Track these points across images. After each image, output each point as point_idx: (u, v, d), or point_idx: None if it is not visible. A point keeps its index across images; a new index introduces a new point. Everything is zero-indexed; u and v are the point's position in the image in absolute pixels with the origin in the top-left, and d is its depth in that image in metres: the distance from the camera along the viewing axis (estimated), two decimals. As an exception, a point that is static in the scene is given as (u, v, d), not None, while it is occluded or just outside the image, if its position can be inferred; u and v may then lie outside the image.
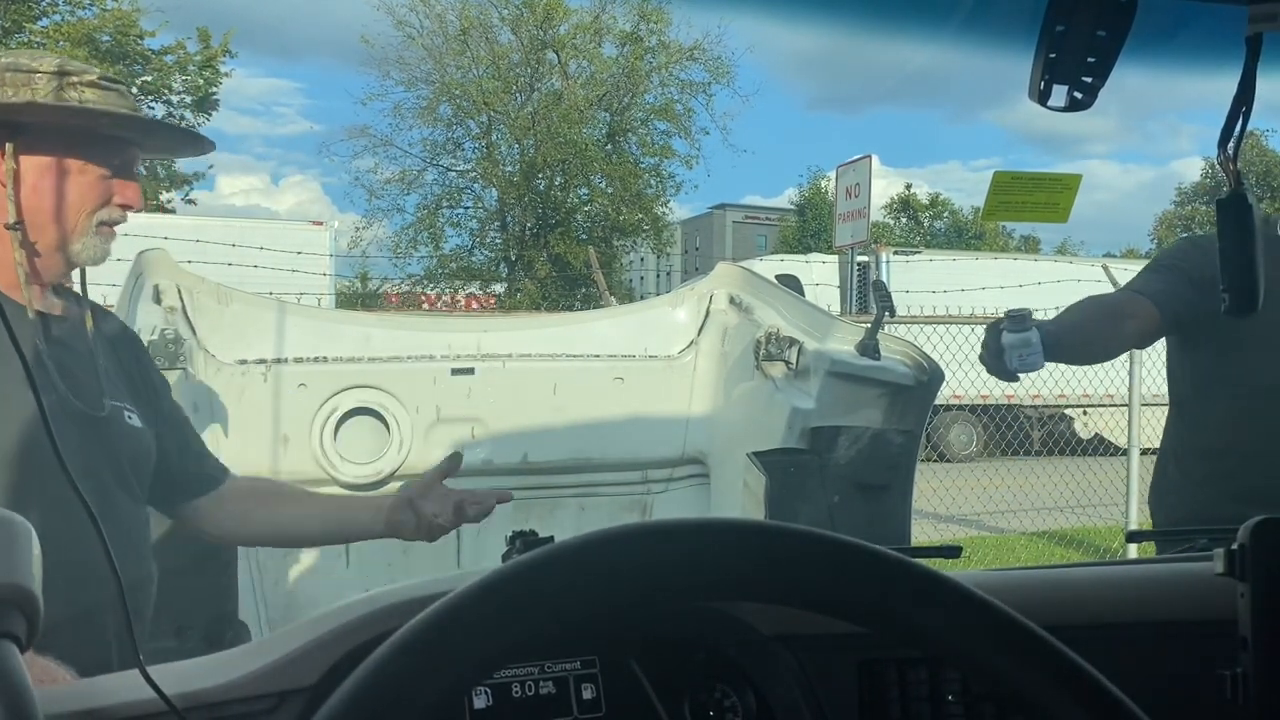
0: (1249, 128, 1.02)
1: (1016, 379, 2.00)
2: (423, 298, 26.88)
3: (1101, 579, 1.06)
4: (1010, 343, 1.96)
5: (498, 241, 30.68)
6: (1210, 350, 2.11)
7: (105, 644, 1.48)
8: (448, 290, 28.24)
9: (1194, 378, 2.19)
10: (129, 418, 1.60)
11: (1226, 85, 1.02)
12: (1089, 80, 0.98)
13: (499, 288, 28.34)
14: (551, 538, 0.85)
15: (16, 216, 1.49)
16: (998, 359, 1.96)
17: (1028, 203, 2.43)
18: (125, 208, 1.61)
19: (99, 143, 1.56)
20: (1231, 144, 0.99)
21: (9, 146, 1.50)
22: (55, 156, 1.52)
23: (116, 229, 1.62)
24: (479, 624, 0.52)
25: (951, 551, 1.18)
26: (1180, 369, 2.23)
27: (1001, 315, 1.97)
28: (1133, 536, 1.96)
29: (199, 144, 1.89)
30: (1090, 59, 0.96)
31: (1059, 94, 0.98)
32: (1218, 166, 1.06)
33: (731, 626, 0.92)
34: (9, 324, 0.97)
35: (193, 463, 1.81)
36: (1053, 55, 0.96)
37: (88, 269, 1.64)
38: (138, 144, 1.65)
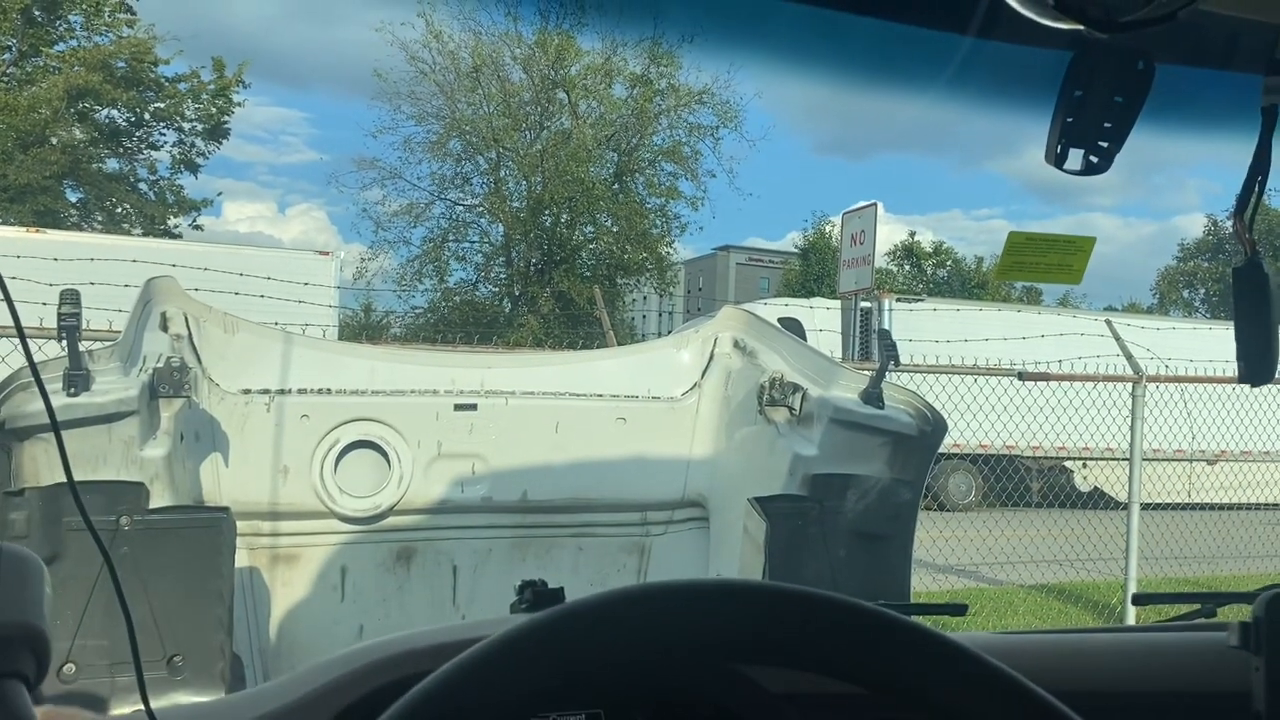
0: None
1: None
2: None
3: (1113, 646, 1.05)
4: None
5: (502, 276, 30.79)
6: None
7: None
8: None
9: None
10: None
11: (1240, 150, 1.02)
12: (1105, 145, 0.98)
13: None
14: (561, 589, 0.85)
15: None
16: None
17: (1041, 263, 2.44)
18: None
19: None
20: (1248, 213, 1.00)
21: None
22: None
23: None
24: (505, 675, 0.52)
25: (957, 610, 1.17)
26: None
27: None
28: (1138, 599, 1.93)
29: None
30: (1106, 124, 0.97)
31: (1075, 158, 0.99)
32: (1221, 225, 1.07)
33: (739, 684, 0.91)
34: None
35: None
36: (1070, 119, 0.97)
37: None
38: None
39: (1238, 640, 0.79)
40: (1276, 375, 1.01)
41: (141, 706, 0.73)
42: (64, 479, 0.91)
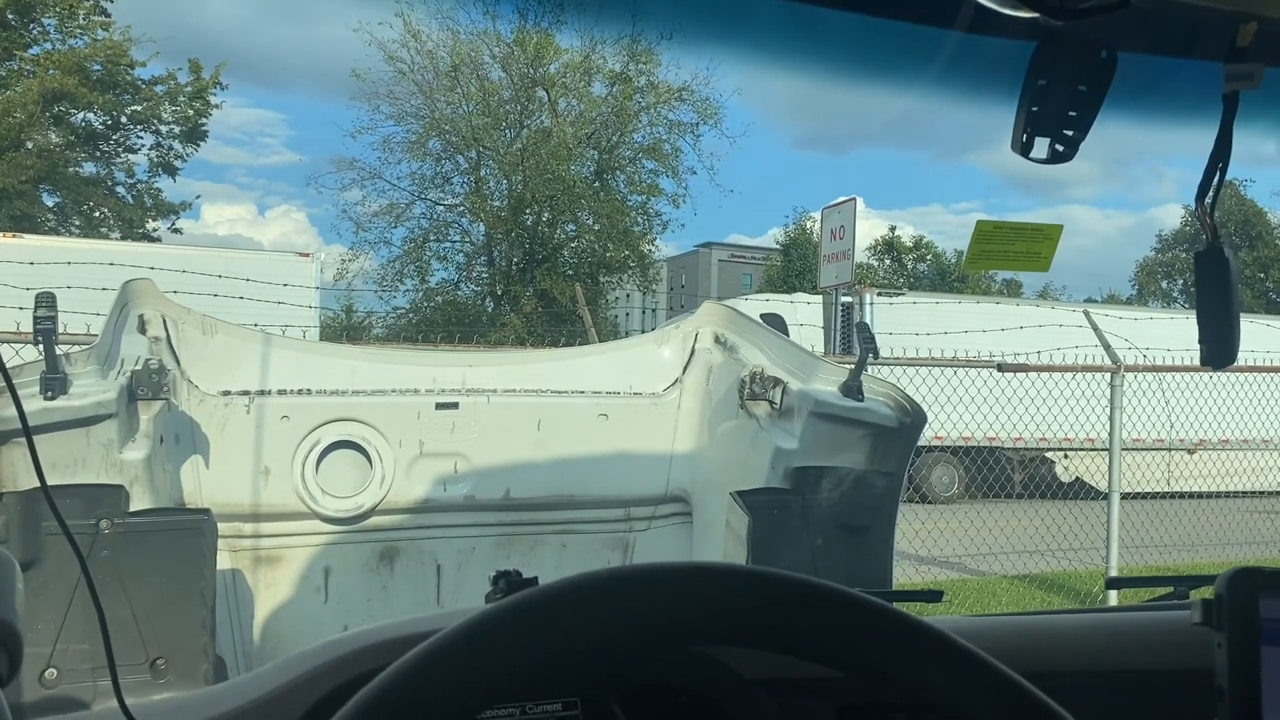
0: (1227, 178, 1.04)
1: None
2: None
3: (1082, 626, 1.07)
4: None
5: (484, 276, 30.74)
6: None
7: None
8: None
9: None
10: None
11: (1205, 137, 1.04)
12: (1070, 133, 0.99)
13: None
14: (535, 579, 0.85)
15: None
16: None
17: (1009, 251, 2.46)
18: None
19: None
20: (1209, 198, 1.01)
21: None
22: None
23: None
24: (467, 662, 0.52)
25: (933, 596, 1.18)
26: None
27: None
28: (1113, 583, 1.95)
29: None
30: (1071, 112, 0.98)
31: (1041, 146, 1.00)
32: (1196, 218, 1.08)
33: (714, 670, 0.92)
34: None
35: None
36: (1035, 108, 0.98)
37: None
38: None
39: (1200, 617, 0.80)
40: (1237, 359, 1.03)
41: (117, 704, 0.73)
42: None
